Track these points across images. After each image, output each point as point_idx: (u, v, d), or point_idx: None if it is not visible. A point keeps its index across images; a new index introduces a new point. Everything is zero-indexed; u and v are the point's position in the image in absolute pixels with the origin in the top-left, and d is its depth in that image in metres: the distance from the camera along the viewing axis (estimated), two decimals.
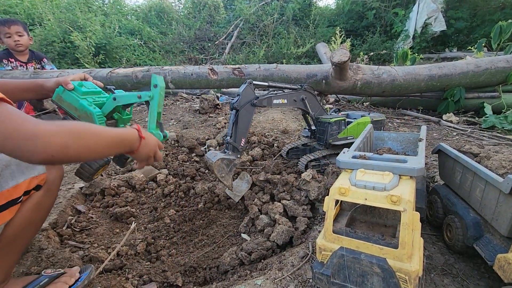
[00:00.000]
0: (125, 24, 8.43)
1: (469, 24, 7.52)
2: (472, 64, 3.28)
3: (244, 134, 1.63)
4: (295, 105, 1.87)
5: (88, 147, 0.78)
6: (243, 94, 1.60)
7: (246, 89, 1.62)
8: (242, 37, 8.87)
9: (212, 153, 1.62)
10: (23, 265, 1.24)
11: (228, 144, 1.61)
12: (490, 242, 1.01)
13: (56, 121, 0.87)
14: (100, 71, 3.27)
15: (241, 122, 1.61)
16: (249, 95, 1.63)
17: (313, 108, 1.92)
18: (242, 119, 1.61)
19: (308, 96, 1.88)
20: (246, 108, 1.61)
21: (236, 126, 1.60)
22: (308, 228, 1.48)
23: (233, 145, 1.60)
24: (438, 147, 1.39)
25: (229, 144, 1.60)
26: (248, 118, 1.64)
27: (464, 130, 2.93)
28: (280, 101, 1.77)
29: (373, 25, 8.35)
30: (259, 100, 1.65)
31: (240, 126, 1.61)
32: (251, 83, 1.65)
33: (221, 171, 1.57)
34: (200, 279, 1.34)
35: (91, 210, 1.78)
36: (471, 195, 1.13)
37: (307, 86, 1.89)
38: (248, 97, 1.62)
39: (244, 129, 1.63)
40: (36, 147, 0.67)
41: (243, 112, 1.60)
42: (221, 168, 1.57)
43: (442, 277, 1.08)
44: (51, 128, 0.70)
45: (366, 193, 0.89)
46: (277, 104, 1.77)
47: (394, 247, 0.85)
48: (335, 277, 0.93)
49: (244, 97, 1.61)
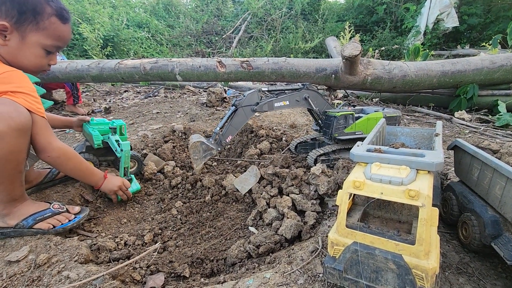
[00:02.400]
0: (133, 17, 8.42)
1: (482, 20, 7.33)
2: (487, 61, 3.19)
3: (233, 132, 1.67)
4: (299, 105, 1.84)
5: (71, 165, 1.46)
6: (248, 96, 1.65)
7: (253, 94, 1.67)
8: (250, 31, 8.80)
9: (197, 135, 1.69)
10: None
11: (215, 134, 1.65)
12: (509, 240, 0.97)
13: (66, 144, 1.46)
14: (109, 62, 3.26)
15: (235, 120, 1.65)
16: (253, 100, 1.67)
17: (318, 105, 1.89)
18: (238, 118, 1.65)
19: (311, 94, 1.84)
20: (245, 109, 1.65)
21: (230, 122, 1.64)
22: (317, 223, 1.46)
23: (219, 137, 1.64)
24: (455, 143, 1.35)
25: (216, 134, 1.64)
26: (243, 119, 1.68)
27: (477, 128, 2.86)
28: (282, 103, 1.76)
29: (383, 21, 8.20)
30: (259, 106, 1.68)
31: (233, 124, 1.65)
32: (260, 91, 1.70)
33: (196, 153, 1.62)
34: (207, 270, 1.33)
35: (99, 200, 1.78)
36: (490, 193, 1.09)
37: (309, 85, 1.85)
38: (252, 102, 1.67)
39: (235, 128, 1.67)
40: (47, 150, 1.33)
41: (241, 112, 1.64)
42: (197, 151, 1.61)
43: (457, 275, 1.05)
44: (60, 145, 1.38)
45: (382, 187, 0.86)
46: (279, 107, 1.76)
47: (411, 243, 0.82)
48: (348, 272, 0.91)
49: (248, 100, 1.66)
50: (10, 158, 1.22)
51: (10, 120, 1.18)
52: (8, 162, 1.22)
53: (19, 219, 1.31)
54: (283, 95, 1.78)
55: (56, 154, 1.35)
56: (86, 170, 1.54)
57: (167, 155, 2.20)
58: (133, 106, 3.91)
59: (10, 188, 1.29)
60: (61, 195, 1.70)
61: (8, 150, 1.20)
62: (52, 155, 1.35)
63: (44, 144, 1.31)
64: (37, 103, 1.27)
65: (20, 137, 1.23)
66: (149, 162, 2.05)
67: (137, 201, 1.87)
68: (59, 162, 1.39)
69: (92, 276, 1.12)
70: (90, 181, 1.61)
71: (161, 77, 3.27)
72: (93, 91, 5.10)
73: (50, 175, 1.70)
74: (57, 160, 1.37)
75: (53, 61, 1.43)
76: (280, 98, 1.75)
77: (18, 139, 1.22)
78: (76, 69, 3.21)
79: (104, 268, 1.21)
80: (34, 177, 1.65)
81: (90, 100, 4.27)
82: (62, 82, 3.38)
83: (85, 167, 1.52)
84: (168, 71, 3.18)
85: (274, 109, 1.76)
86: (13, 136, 1.20)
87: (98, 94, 4.92)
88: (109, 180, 1.64)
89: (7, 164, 1.22)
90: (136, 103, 4.09)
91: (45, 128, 1.32)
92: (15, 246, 1.27)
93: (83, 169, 1.51)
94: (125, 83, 5.77)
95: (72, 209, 1.48)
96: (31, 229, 1.32)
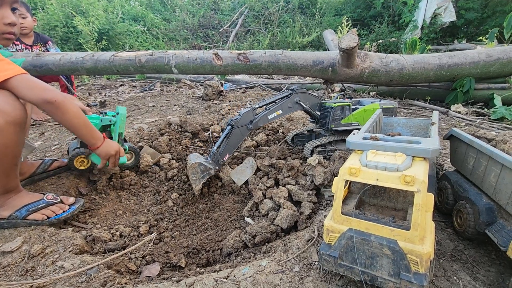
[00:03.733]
0: (128, 10, 8.31)
1: (479, 15, 7.33)
2: (483, 54, 3.19)
3: (230, 151, 1.72)
4: (292, 110, 1.84)
5: (74, 112, 1.31)
6: (243, 115, 1.68)
7: (248, 113, 1.69)
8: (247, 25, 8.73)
9: (195, 155, 1.77)
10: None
11: (212, 154, 1.70)
12: (503, 227, 0.98)
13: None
14: (103, 54, 3.21)
15: (231, 140, 1.68)
16: (248, 118, 1.69)
17: (310, 103, 1.89)
18: (234, 138, 1.69)
19: (302, 97, 1.83)
20: (241, 129, 1.68)
21: (226, 142, 1.68)
22: (313, 213, 1.46)
23: (216, 156, 1.69)
24: (451, 132, 1.35)
25: (213, 154, 1.69)
26: (239, 138, 1.71)
27: (472, 121, 2.87)
28: (275, 114, 1.77)
29: (381, 15, 8.17)
30: (253, 123, 1.70)
31: (229, 143, 1.69)
32: (255, 109, 1.72)
33: (194, 174, 1.69)
34: (203, 260, 1.33)
35: (94, 192, 1.77)
36: (485, 180, 1.10)
37: (298, 88, 1.84)
38: (247, 120, 1.69)
39: (232, 147, 1.71)
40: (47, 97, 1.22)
41: (237, 132, 1.68)
42: (195, 172, 1.68)
43: (451, 262, 1.05)
44: (57, 91, 1.28)
45: (378, 174, 0.86)
46: (274, 118, 1.77)
47: (406, 229, 0.82)
48: (343, 258, 0.91)
49: (244, 119, 1.68)
50: (6, 152, 1.20)
51: (6, 115, 1.16)
52: (5, 156, 1.21)
53: (12, 210, 1.29)
54: (275, 105, 1.77)
55: (60, 99, 1.24)
56: (88, 123, 1.41)
57: (163, 147, 2.18)
58: (129, 99, 3.87)
59: (5, 181, 1.28)
60: (55, 187, 1.69)
61: (5, 144, 1.18)
62: (58, 98, 1.23)
63: (41, 94, 1.22)
64: (8, 65, 1.20)
65: (17, 131, 1.21)
66: (144, 155, 2.03)
67: (133, 193, 1.86)
68: (65, 107, 1.26)
69: (86, 266, 1.11)
70: (89, 137, 1.43)
71: (157, 70, 3.23)
72: (88, 85, 5.04)
73: (43, 165, 1.68)
74: (61, 105, 1.24)
75: (7, 19, 1.31)
76: (273, 109, 1.75)
77: (15, 134, 1.20)
78: (70, 61, 3.16)
79: (99, 258, 1.21)
80: (27, 169, 1.63)
81: (85, 94, 4.22)
82: (56, 74, 3.33)
83: (87, 120, 1.40)
84: (164, 63, 3.14)
85: (268, 122, 1.77)
86: (10, 131, 1.18)
87: (93, 88, 4.87)
88: (108, 142, 1.52)
89: (4, 158, 1.21)
90: (131, 96, 4.05)
91: (33, 81, 1.23)
92: (8, 237, 1.26)
93: (86, 120, 1.38)
94: (121, 77, 5.71)
95: (67, 200, 1.46)
96: (24, 220, 1.31)
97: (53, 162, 1.73)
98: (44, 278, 1.04)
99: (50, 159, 1.75)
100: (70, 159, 1.64)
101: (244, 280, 1.00)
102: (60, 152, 2.12)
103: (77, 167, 1.69)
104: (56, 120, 1.32)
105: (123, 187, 1.85)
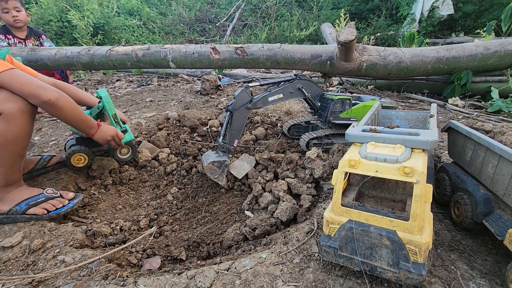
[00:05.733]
0: (124, 4, 8.18)
1: (477, 8, 7.29)
2: (481, 46, 3.19)
3: (237, 135, 1.68)
4: (293, 96, 1.82)
5: (68, 107, 1.32)
6: (238, 97, 1.63)
7: (242, 93, 1.65)
8: (244, 19, 8.65)
9: (206, 155, 1.76)
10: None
11: (220, 146, 1.68)
12: (500, 217, 0.99)
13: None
14: (99, 49, 3.17)
15: (234, 125, 1.65)
16: (244, 98, 1.65)
17: (313, 93, 1.87)
18: (236, 122, 1.65)
19: (305, 84, 1.82)
20: (240, 111, 1.65)
21: (230, 128, 1.65)
22: (313, 206, 1.47)
23: (225, 147, 1.67)
24: (449, 124, 1.35)
25: (221, 146, 1.67)
26: (242, 121, 1.67)
27: (470, 114, 2.88)
28: (276, 97, 1.74)
29: (379, 8, 8.11)
30: (253, 103, 1.66)
31: (233, 128, 1.66)
32: (248, 87, 1.67)
33: (214, 173, 1.68)
34: (204, 253, 1.34)
35: (93, 187, 1.77)
36: (482, 172, 1.11)
37: (302, 75, 1.82)
38: (243, 101, 1.65)
39: (238, 131, 1.68)
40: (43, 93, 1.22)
41: (237, 115, 1.64)
42: (213, 171, 1.68)
43: (449, 252, 1.07)
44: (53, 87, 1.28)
45: (378, 165, 0.86)
46: (273, 101, 1.74)
47: (405, 220, 0.83)
48: (343, 249, 0.92)
49: (239, 101, 1.64)
50: (17, 141, 1.21)
51: (21, 103, 1.16)
52: (15, 146, 1.21)
53: (12, 204, 1.29)
54: (276, 88, 1.75)
55: (56, 96, 1.25)
56: (83, 114, 1.44)
57: (162, 142, 2.18)
58: (126, 94, 3.84)
59: (9, 172, 1.28)
60: (54, 182, 1.68)
61: (17, 133, 1.19)
62: (52, 97, 1.24)
63: (36, 89, 1.21)
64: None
65: (29, 121, 1.23)
66: (143, 150, 2.03)
67: (132, 188, 1.86)
68: (60, 105, 1.27)
69: (87, 260, 1.12)
70: (84, 127, 1.48)
71: (154, 64, 3.21)
72: (84, 80, 4.99)
73: (41, 161, 1.67)
74: (57, 103, 1.25)
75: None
76: (274, 92, 1.73)
77: (27, 123, 1.22)
78: (66, 56, 3.12)
79: (99, 252, 1.21)
80: (26, 165, 1.62)
81: (81, 89, 4.18)
82: (51, 69, 3.29)
83: (81, 111, 1.43)
84: (161, 57, 3.12)
85: (268, 104, 1.74)
86: (23, 119, 1.18)
87: (90, 83, 4.82)
88: (103, 128, 1.57)
89: (14, 147, 1.21)
90: (129, 92, 4.02)
91: (25, 76, 1.22)
92: (8, 232, 1.26)
93: (80, 112, 1.41)
94: (117, 72, 5.66)
95: (66, 194, 1.46)
96: (24, 215, 1.30)
97: (52, 158, 1.72)
98: (45, 272, 1.05)
99: (49, 155, 1.74)
100: (67, 157, 1.65)
101: (245, 271, 1.01)
102: (58, 148, 2.11)
103: (75, 165, 1.69)
104: (51, 115, 1.35)
105: (122, 182, 1.85)
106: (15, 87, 1.18)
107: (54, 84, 1.59)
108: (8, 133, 1.17)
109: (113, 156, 1.86)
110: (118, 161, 1.89)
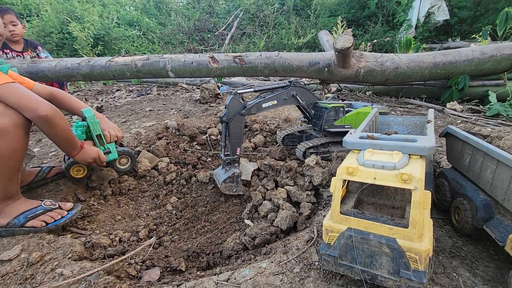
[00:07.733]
0: (124, 15, 8.31)
1: (472, 13, 7.39)
2: (477, 51, 3.22)
3: (238, 144, 1.68)
4: (287, 103, 1.81)
5: (61, 125, 1.31)
6: (229, 106, 1.62)
7: (232, 101, 1.62)
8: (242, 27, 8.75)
9: (216, 175, 1.77)
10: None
11: (224, 161, 1.68)
12: (501, 223, 0.99)
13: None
14: (99, 60, 3.21)
15: (233, 134, 1.64)
16: (236, 106, 1.64)
17: (307, 100, 1.87)
18: (234, 131, 1.64)
19: (299, 91, 1.82)
20: (235, 119, 1.63)
21: (229, 138, 1.64)
22: (313, 214, 1.46)
23: (229, 159, 1.67)
24: (446, 130, 1.36)
25: (224, 161, 1.67)
26: (239, 128, 1.66)
27: (468, 118, 2.89)
28: (270, 103, 1.74)
29: (375, 15, 8.21)
30: (246, 109, 1.64)
31: (232, 138, 1.65)
32: (237, 94, 1.65)
33: (231, 189, 1.70)
34: (204, 264, 1.33)
35: (92, 198, 1.76)
36: (481, 177, 1.11)
37: (296, 81, 1.82)
38: (236, 108, 1.63)
39: (238, 139, 1.67)
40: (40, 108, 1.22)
41: (233, 124, 1.63)
42: (229, 187, 1.69)
43: (450, 259, 1.06)
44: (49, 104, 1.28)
45: (375, 172, 0.86)
46: (267, 107, 1.73)
47: (404, 227, 0.83)
48: (343, 258, 0.91)
49: (232, 109, 1.62)
50: (12, 156, 1.21)
51: (16, 117, 1.17)
52: (10, 160, 1.21)
53: (10, 217, 1.29)
54: (270, 94, 1.75)
55: (52, 112, 1.25)
56: (72, 134, 1.44)
57: (161, 151, 2.18)
58: (126, 104, 3.86)
59: (6, 186, 1.28)
60: (53, 193, 1.68)
61: (12, 148, 1.19)
62: (50, 112, 1.24)
63: (34, 103, 1.22)
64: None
65: (23, 135, 1.23)
66: (142, 159, 2.03)
67: (132, 198, 1.85)
68: (54, 121, 1.27)
69: (86, 273, 1.11)
70: (68, 147, 1.47)
71: (153, 74, 3.24)
72: (84, 90, 5.03)
73: (41, 173, 1.67)
74: (53, 119, 1.26)
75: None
76: (268, 98, 1.72)
77: (21, 137, 1.22)
78: (66, 68, 3.15)
79: (98, 265, 1.20)
80: (25, 177, 1.62)
81: (81, 99, 4.21)
82: (51, 81, 3.32)
83: (71, 131, 1.44)
84: (160, 67, 3.15)
85: (262, 110, 1.73)
86: (18, 134, 1.19)
87: (90, 93, 4.85)
88: (85, 151, 1.55)
89: (9, 162, 1.21)
90: (128, 101, 4.04)
91: (23, 90, 1.24)
92: (6, 246, 1.25)
93: (70, 132, 1.41)
94: (117, 82, 5.70)
95: (64, 205, 1.46)
96: (23, 228, 1.30)
97: (51, 169, 1.72)
98: (44, 286, 1.04)
99: (48, 166, 1.74)
100: (66, 168, 1.67)
101: (245, 282, 1.00)
102: (58, 159, 2.11)
103: (74, 176, 1.71)
104: (41, 130, 1.31)
105: (122, 192, 1.84)
106: (13, 99, 1.19)
107: (51, 93, 1.61)
108: (3, 148, 1.17)
109: (113, 167, 1.86)
110: (117, 171, 1.89)
